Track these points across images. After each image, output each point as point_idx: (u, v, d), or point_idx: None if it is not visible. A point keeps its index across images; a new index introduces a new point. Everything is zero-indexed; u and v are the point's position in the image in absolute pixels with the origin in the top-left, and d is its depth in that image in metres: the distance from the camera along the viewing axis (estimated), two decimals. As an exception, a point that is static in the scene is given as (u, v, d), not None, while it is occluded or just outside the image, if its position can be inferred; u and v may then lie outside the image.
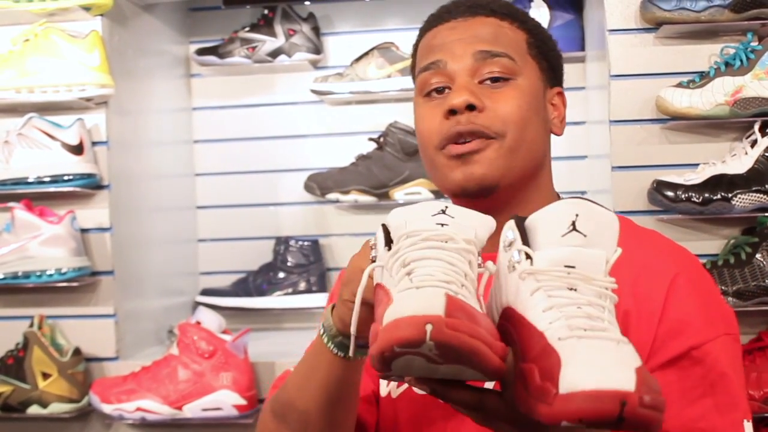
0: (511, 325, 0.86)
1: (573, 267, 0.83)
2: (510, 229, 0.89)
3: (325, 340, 1.06)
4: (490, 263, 0.91)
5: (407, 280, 0.85)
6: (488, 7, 1.22)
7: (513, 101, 1.17)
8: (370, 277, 0.93)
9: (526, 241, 0.87)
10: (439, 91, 1.20)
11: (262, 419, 1.21)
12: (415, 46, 1.29)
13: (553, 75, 1.26)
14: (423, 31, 1.27)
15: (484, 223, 0.92)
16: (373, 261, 0.95)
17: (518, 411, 0.83)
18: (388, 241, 0.93)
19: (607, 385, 0.74)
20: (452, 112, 1.16)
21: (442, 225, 0.89)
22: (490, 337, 0.81)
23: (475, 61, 1.17)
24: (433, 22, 1.25)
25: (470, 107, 1.15)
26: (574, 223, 0.86)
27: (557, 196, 1.28)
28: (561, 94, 1.28)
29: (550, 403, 0.77)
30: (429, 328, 0.77)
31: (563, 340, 0.79)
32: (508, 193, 1.19)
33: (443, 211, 0.91)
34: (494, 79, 1.18)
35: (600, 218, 0.87)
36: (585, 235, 0.85)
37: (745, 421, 1.08)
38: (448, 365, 0.81)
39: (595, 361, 0.76)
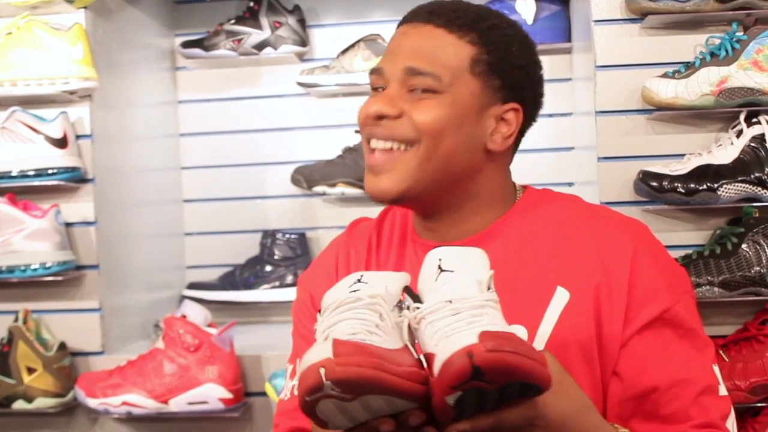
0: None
1: (450, 301, 0.96)
2: (406, 300, 1.02)
3: None
4: (406, 312, 1.00)
5: (323, 340, 0.96)
6: (445, 15, 1.24)
7: (431, 111, 1.21)
8: None
9: (418, 300, 1.00)
10: (383, 88, 1.27)
11: None
12: None
13: (509, 92, 1.26)
14: (397, 26, 1.31)
15: (396, 279, 1.04)
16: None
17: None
18: None
19: (455, 349, 0.88)
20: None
21: (355, 291, 1.00)
22: (389, 364, 0.91)
23: (404, 75, 1.22)
24: (401, 21, 1.30)
25: (381, 117, 1.22)
26: (439, 266, 1.01)
27: (504, 201, 1.32)
28: (517, 111, 1.27)
29: (432, 392, 0.91)
30: (322, 371, 0.89)
31: (437, 344, 0.93)
32: (425, 200, 1.26)
33: (359, 280, 1.03)
34: (423, 89, 1.22)
35: (463, 254, 1.03)
36: (452, 271, 1.00)
37: (713, 365, 1.23)
38: (360, 398, 0.92)
39: (448, 340, 0.91)
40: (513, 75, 1.26)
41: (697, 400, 1.18)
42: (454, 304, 0.95)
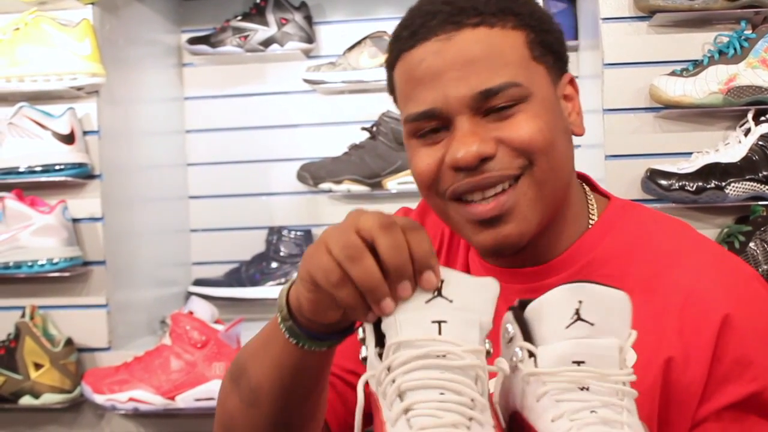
0: None
1: (582, 362, 0.75)
2: (509, 323, 0.79)
3: (279, 319, 0.92)
4: (502, 361, 0.78)
5: (404, 422, 0.74)
6: (473, 9, 1.00)
7: (530, 124, 0.99)
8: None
9: (527, 335, 0.78)
10: (435, 130, 1.03)
11: (223, 377, 1.08)
12: (391, 63, 1.07)
13: (560, 63, 1.07)
14: (399, 50, 1.04)
15: (488, 298, 0.79)
16: (363, 361, 0.82)
17: None
18: (380, 339, 0.80)
19: None
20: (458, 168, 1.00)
21: (440, 324, 0.76)
22: None
23: (476, 102, 0.99)
24: (410, 40, 1.02)
25: (482, 161, 0.99)
26: (578, 312, 0.76)
27: (583, 213, 1.10)
28: (572, 81, 1.09)
29: None
30: None
31: None
32: (540, 230, 1.05)
33: (440, 293, 0.78)
34: (501, 107, 1.00)
35: (607, 301, 0.77)
36: (592, 324, 0.76)
37: None
38: None
39: None
40: (556, 43, 1.06)
41: None
42: (583, 375, 0.74)
